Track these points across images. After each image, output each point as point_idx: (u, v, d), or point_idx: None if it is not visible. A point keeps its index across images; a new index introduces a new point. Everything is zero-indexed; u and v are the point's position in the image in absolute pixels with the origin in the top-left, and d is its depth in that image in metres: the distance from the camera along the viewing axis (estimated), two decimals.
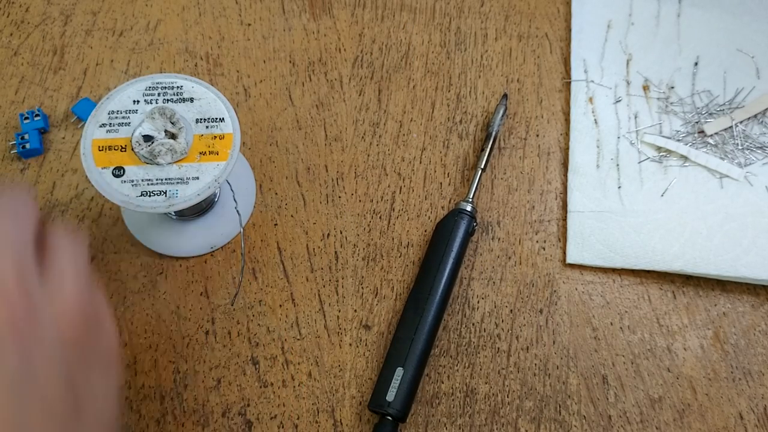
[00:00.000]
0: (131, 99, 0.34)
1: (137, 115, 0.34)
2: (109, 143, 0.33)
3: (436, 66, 0.44)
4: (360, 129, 0.42)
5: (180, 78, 0.35)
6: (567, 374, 0.36)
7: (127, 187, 0.33)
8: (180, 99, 0.35)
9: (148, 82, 0.35)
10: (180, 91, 0.35)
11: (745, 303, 0.38)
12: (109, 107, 0.34)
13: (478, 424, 0.35)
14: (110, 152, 0.33)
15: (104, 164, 0.33)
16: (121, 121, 0.34)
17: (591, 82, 0.43)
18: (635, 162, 0.41)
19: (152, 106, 0.34)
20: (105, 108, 0.34)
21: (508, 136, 0.42)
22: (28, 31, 0.44)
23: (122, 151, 0.33)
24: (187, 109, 0.34)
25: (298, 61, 0.44)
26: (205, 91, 0.35)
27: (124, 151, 0.33)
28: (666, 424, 0.35)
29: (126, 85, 0.35)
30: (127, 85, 0.35)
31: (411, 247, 0.39)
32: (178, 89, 0.35)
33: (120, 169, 0.33)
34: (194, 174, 0.33)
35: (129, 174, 0.33)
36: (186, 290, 0.38)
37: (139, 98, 0.34)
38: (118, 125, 0.34)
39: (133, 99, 0.34)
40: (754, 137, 0.42)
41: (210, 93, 0.35)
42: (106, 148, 0.33)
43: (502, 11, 0.46)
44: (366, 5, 0.46)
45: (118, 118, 0.34)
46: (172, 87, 0.35)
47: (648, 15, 0.46)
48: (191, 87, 0.35)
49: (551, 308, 0.38)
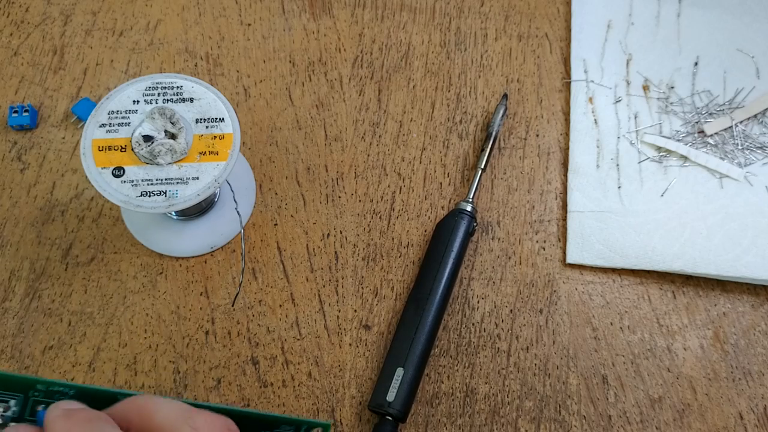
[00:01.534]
0: (131, 99, 0.34)
1: (137, 115, 0.34)
2: (109, 143, 0.33)
3: (436, 66, 0.44)
4: (360, 129, 0.42)
5: (180, 78, 0.35)
6: (567, 374, 0.36)
7: (127, 187, 0.33)
8: (180, 99, 0.35)
9: (148, 82, 0.35)
10: (180, 91, 0.35)
11: (745, 303, 0.38)
12: (108, 107, 0.34)
13: (478, 424, 0.35)
14: (110, 152, 0.33)
15: (104, 164, 0.33)
16: (121, 121, 0.34)
17: (591, 82, 0.43)
18: (635, 162, 0.41)
19: (152, 106, 0.34)
20: (105, 108, 0.34)
21: (508, 136, 0.42)
22: (28, 31, 0.44)
23: (122, 151, 0.33)
24: (187, 109, 0.34)
25: (298, 61, 0.44)
26: (204, 91, 0.35)
27: (124, 151, 0.33)
28: (666, 424, 0.35)
29: (126, 85, 0.35)
30: (126, 85, 0.35)
31: (411, 247, 0.39)
32: (178, 89, 0.35)
33: (120, 170, 0.33)
34: (194, 174, 0.33)
35: (129, 174, 0.33)
36: (186, 290, 0.38)
37: (139, 98, 0.34)
38: (118, 125, 0.34)
39: (133, 99, 0.34)
40: (754, 137, 0.42)
41: (210, 93, 0.35)
42: (106, 148, 0.33)
43: (502, 11, 0.46)
44: (366, 5, 0.46)
45: (118, 118, 0.34)
46: (172, 87, 0.35)
47: (648, 15, 0.46)
48: (191, 87, 0.35)
49: (551, 308, 0.38)
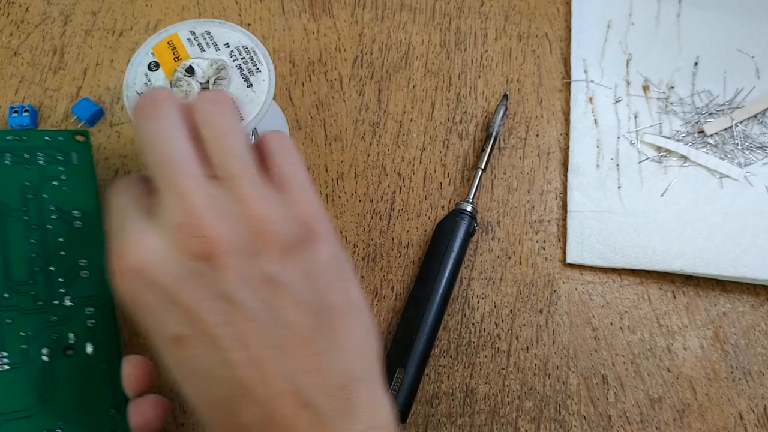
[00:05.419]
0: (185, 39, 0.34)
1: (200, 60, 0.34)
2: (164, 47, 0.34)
3: (436, 66, 0.44)
4: (360, 129, 0.42)
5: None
6: (567, 374, 0.36)
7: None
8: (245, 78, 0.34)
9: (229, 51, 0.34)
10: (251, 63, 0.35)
11: (745, 303, 0.38)
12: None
13: (478, 424, 0.35)
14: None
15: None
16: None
17: (591, 82, 0.43)
18: (635, 162, 0.41)
19: (219, 59, 0.34)
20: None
21: (508, 136, 0.42)
22: (28, 31, 0.44)
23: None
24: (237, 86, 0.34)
25: (298, 61, 0.44)
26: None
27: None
28: (666, 424, 0.35)
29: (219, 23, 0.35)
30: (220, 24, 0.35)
31: (411, 247, 0.39)
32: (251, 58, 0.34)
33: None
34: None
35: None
36: None
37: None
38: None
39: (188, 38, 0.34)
40: (754, 137, 0.42)
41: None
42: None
43: (502, 11, 0.46)
44: (366, 5, 0.46)
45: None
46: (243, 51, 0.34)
47: (648, 15, 0.46)
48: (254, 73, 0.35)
49: (551, 308, 0.38)
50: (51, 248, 0.33)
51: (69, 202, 0.34)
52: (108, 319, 0.32)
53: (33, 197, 0.33)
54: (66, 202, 0.34)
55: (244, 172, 0.24)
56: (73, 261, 0.33)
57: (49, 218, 0.33)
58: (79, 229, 0.34)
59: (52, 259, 0.32)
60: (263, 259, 0.23)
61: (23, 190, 0.33)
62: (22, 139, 0.35)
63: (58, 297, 0.32)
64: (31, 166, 0.34)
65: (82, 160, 0.35)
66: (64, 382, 0.30)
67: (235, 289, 0.23)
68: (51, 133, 0.36)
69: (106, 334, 0.32)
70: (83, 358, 0.31)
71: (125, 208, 0.25)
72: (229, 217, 0.23)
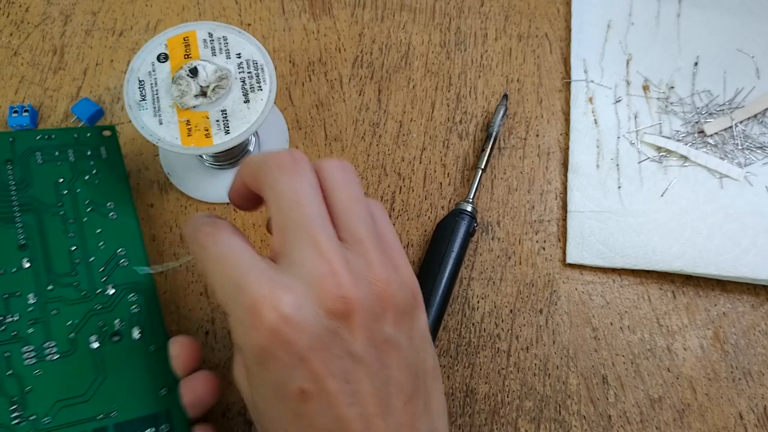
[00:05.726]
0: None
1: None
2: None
3: (436, 66, 0.44)
4: (360, 129, 0.42)
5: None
6: (567, 374, 0.36)
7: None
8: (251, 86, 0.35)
9: (237, 59, 0.35)
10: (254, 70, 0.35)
11: (745, 303, 0.38)
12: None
13: (478, 424, 0.35)
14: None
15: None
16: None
17: (591, 82, 0.43)
18: (635, 162, 0.41)
19: (223, 67, 0.34)
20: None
21: (508, 136, 0.42)
22: (28, 31, 0.44)
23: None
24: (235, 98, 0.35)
25: (298, 61, 0.44)
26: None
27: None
28: (666, 424, 0.35)
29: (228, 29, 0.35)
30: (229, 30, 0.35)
31: (411, 247, 0.39)
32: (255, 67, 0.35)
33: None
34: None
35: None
36: (186, 290, 0.38)
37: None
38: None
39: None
40: (754, 137, 0.42)
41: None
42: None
43: (502, 11, 0.46)
44: (366, 5, 0.46)
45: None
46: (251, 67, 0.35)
47: (648, 15, 0.46)
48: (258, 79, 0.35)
49: (551, 308, 0.38)
50: (89, 240, 0.34)
51: (102, 194, 0.35)
52: (151, 304, 0.34)
53: (67, 192, 0.35)
54: (99, 195, 0.35)
55: (370, 237, 0.26)
56: (112, 251, 0.34)
57: (85, 211, 0.35)
58: (115, 219, 0.35)
59: (91, 250, 0.34)
60: (384, 321, 0.25)
61: (57, 186, 0.35)
62: (51, 138, 0.36)
63: (101, 286, 0.33)
64: (62, 162, 0.36)
65: (111, 153, 0.37)
66: (114, 367, 0.31)
67: (363, 348, 0.24)
68: (79, 130, 0.37)
69: (151, 318, 0.33)
70: (130, 342, 0.32)
71: (241, 254, 0.25)
72: (360, 279, 0.24)
